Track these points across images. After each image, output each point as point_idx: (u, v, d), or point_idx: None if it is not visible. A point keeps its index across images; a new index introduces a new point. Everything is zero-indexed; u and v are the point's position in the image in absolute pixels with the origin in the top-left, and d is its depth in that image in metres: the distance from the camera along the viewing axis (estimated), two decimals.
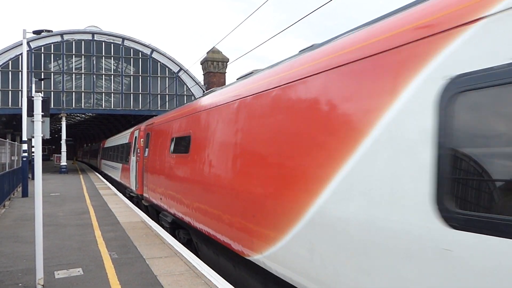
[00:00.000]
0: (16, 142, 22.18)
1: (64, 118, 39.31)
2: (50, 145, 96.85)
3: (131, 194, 17.12)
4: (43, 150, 71.59)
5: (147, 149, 13.33)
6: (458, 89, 2.78)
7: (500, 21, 2.58)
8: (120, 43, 41.36)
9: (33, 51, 37.84)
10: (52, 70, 39.57)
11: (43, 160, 6.79)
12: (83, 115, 59.56)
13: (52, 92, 38.61)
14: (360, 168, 3.54)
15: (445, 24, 2.96)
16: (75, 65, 40.77)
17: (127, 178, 17.91)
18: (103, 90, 41.89)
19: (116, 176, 22.97)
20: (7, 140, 19.10)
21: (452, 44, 2.87)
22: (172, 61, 43.01)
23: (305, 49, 5.56)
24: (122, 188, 20.89)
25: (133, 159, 16.21)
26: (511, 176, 2.57)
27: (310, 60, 4.70)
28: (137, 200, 16.04)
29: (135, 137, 16.19)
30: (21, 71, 28.79)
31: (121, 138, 22.45)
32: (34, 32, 21.90)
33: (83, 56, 40.52)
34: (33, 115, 6.18)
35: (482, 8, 2.70)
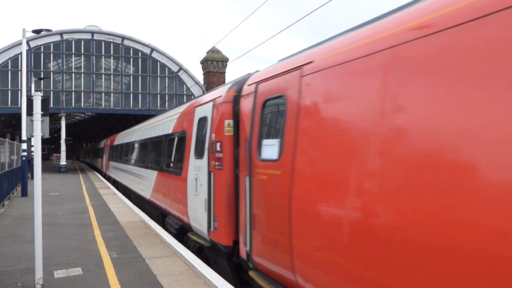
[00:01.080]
0: (15, 142, 22.15)
1: (63, 118, 39.30)
2: (50, 145, 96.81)
3: (192, 237, 8.44)
4: (43, 149, 71.41)
5: (280, 141, 5.15)
6: None
7: None
8: (119, 42, 41.32)
9: (32, 50, 37.79)
10: (51, 69, 39.51)
11: (42, 159, 6.80)
12: (82, 115, 59.47)
13: (51, 92, 38.57)
14: None
15: None
16: (74, 65, 40.73)
17: (174, 199, 9.87)
18: (103, 90, 41.85)
19: (142, 189, 14.25)
20: (7, 139, 19.07)
21: None
22: (172, 60, 43.00)
23: None
24: (151, 211, 13.30)
25: (199, 164, 8.00)
26: None
27: None
28: (195, 246, 8.34)
29: (202, 119, 8.14)
30: (21, 71, 28.77)
31: (157, 127, 13.06)
32: (34, 31, 21.87)
33: (82, 56, 40.47)
34: (32, 115, 6.17)
35: None
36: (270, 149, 5.42)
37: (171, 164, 10.65)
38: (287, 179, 4.83)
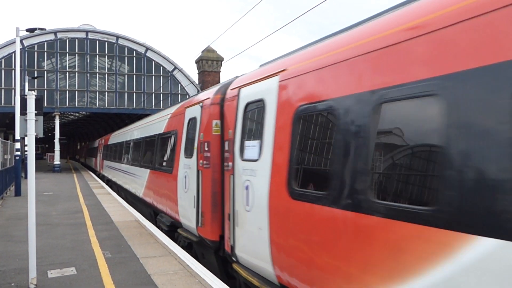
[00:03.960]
0: (9, 141, 22.01)
1: (57, 117, 39.10)
2: (44, 144, 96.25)
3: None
4: (36, 148, 71.13)
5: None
6: None
7: None
8: (114, 41, 41.15)
9: (26, 49, 37.54)
10: (45, 68, 39.28)
11: (36, 159, 6.73)
12: (76, 114, 59.20)
13: (45, 91, 38.35)
14: None
15: None
16: (68, 64, 40.53)
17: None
18: (97, 89, 41.67)
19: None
20: (0, 138, 18.96)
21: None
22: (167, 59, 42.90)
23: None
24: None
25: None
26: None
27: None
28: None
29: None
30: (14, 69, 28.58)
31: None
32: (28, 30, 21.78)
33: (76, 55, 40.27)
34: (26, 114, 6.16)
35: None
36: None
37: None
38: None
